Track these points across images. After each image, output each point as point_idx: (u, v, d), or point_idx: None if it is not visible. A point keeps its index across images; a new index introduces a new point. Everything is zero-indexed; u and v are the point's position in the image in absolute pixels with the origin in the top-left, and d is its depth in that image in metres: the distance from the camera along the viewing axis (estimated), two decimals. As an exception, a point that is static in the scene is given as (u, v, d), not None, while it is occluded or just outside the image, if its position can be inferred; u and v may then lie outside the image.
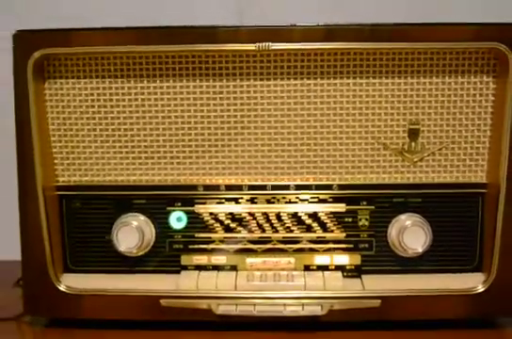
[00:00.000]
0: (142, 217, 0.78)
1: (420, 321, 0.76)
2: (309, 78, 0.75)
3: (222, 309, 0.75)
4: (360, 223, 0.78)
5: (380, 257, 0.78)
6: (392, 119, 0.76)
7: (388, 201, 0.77)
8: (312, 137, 0.76)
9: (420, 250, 0.76)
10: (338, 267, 0.78)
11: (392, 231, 0.77)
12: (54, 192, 0.78)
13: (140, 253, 0.78)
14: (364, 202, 0.77)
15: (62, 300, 0.77)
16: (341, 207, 0.78)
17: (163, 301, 0.76)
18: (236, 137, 0.77)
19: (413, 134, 0.76)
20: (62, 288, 0.77)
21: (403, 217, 0.77)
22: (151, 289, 0.77)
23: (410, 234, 0.76)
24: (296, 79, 0.75)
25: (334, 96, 0.75)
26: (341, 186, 0.77)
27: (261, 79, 0.75)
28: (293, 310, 0.75)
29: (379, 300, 0.75)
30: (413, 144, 0.76)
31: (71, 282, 0.78)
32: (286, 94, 0.76)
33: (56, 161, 0.78)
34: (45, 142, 0.76)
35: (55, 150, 0.77)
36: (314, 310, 0.75)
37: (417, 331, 0.76)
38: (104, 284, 0.77)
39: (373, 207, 0.78)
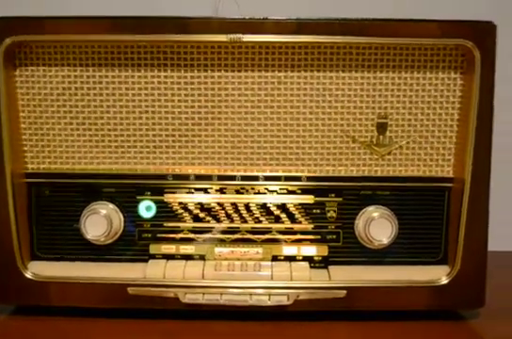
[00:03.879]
0: (111, 206, 0.78)
1: (384, 312, 0.76)
2: (280, 70, 0.75)
3: (189, 298, 0.75)
4: (328, 215, 0.78)
5: (347, 248, 0.79)
6: (361, 112, 0.76)
7: (356, 194, 0.78)
8: (281, 128, 0.77)
9: (385, 241, 0.76)
10: (305, 258, 0.79)
11: (360, 222, 0.77)
12: (22, 179, 0.77)
13: (108, 242, 0.77)
14: (332, 194, 0.78)
15: (29, 288, 0.77)
16: (309, 199, 0.78)
17: (130, 289, 0.76)
18: (207, 127, 0.77)
19: (381, 127, 0.76)
20: (29, 275, 0.77)
21: (370, 209, 0.78)
22: (118, 277, 0.76)
23: (377, 225, 0.76)
24: (266, 71, 0.75)
25: (304, 89, 0.76)
26: (309, 178, 0.78)
27: (232, 70, 0.75)
28: (259, 299, 0.75)
29: (345, 291, 0.76)
30: (381, 138, 0.77)
31: (37, 270, 0.77)
32: (257, 86, 0.76)
33: (25, 148, 0.77)
34: (15, 129, 0.76)
35: (24, 137, 0.77)
36: (281, 300, 0.75)
37: (381, 322, 0.76)
38: (72, 272, 0.77)
39: (341, 199, 0.78)
